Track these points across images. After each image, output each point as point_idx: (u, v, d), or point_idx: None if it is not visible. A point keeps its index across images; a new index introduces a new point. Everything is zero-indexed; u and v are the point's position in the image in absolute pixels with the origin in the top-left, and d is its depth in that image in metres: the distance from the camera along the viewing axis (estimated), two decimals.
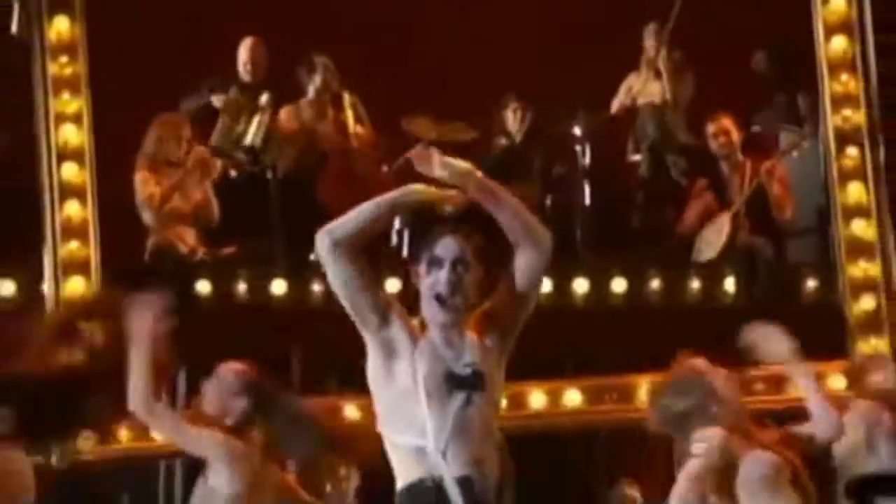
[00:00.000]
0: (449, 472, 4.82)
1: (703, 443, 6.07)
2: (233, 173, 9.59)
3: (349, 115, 9.60)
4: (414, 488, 4.91)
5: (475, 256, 4.87)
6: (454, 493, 4.80)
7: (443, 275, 4.81)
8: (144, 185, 8.89)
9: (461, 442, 4.84)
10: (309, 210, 9.07)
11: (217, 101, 9.60)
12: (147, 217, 8.99)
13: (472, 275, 4.84)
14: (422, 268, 4.86)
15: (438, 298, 4.77)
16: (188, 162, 9.14)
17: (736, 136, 9.30)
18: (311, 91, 9.61)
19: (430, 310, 4.84)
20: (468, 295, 4.86)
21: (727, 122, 9.28)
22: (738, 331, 8.33)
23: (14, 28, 9.18)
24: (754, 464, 6.09)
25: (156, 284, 8.27)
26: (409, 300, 5.01)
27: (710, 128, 9.32)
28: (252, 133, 9.69)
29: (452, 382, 4.82)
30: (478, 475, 4.86)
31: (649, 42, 9.80)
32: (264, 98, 9.64)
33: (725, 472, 6.20)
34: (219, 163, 9.41)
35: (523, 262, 4.86)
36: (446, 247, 4.88)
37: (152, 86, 9.44)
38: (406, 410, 4.87)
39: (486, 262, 4.94)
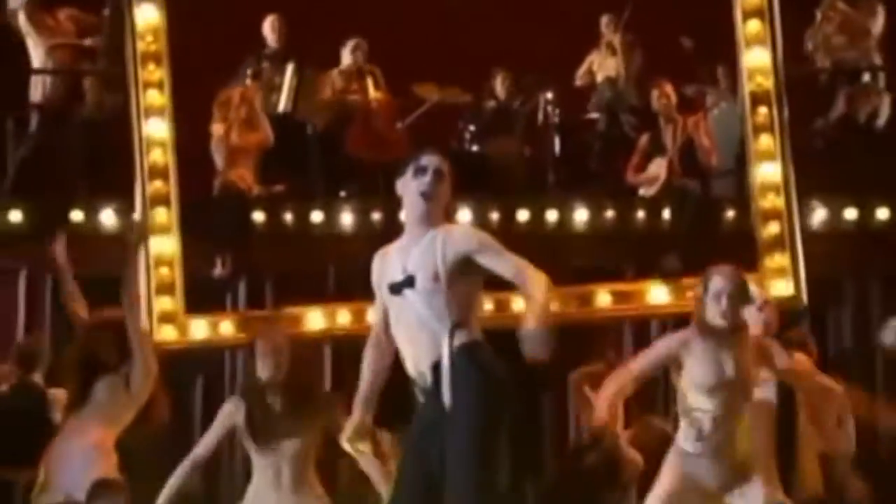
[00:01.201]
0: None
1: None
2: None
3: (370, 83, 9.56)
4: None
5: (448, 172, 4.98)
6: None
7: (427, 178, 4.92)
8: (216, 131, 8.87)
9: (398, 334, 4.98)
10: (340, 158, 9.34)
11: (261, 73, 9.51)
12: (217, 161, 8.88)
13: (445, 185, 4.96)
14: (408, 176, 4.96)
15: (424, 195, 4.89)
16: (234, 101, 9.00)
17: (674, 98, 9.23)
18: (344, 63, 9.56)
19: (414, 208, 4.98)
20: (441, 198, 4.97)
21: (668, 88, 9.23)
22: (672, 250, 8.56)
23: (106, 13, 9.18)
24: None
25: (221, 214, 8.64)
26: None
27: (655, 92, 9.23)
28: (283, 101, 9.63)
29: (392, 290, 4.97)
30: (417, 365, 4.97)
31: (605, 29, 9.79)
32: (290, 68, 9.59)
33: None
34: (258, 92, 9.25)
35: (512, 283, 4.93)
36: (430, 159, 4.99)
37: (217, 59, 9.32)
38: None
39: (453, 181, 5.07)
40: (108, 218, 8.73)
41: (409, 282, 4.92)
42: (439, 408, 4.82)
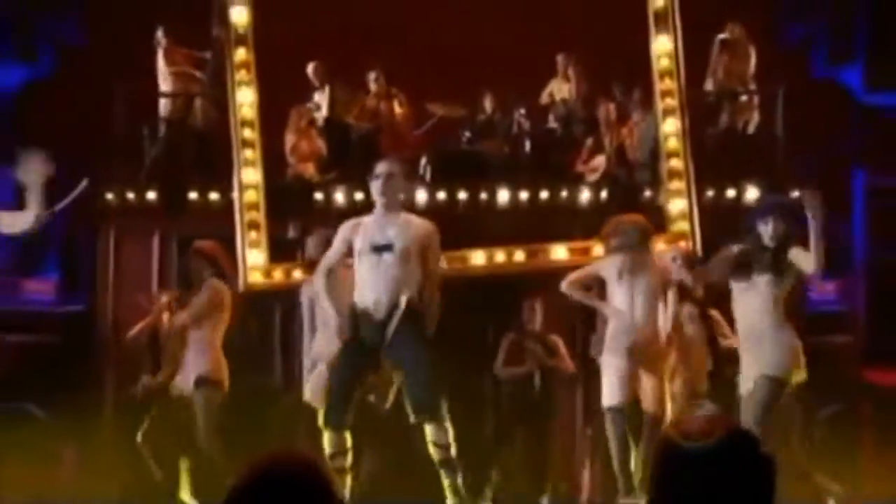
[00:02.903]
0: (361, 295, 5.19)
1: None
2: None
3: (394, 102, 9.55)
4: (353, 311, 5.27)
5: (399, 174, 5.30)
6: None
7: (378, 184, 5.25)
8: (289, 141, 9.08)
9: (374, 280, 5.19)
10: (375, 155, 8.83)
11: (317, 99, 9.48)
12: (289, 157, 9.06)
13: (396, 183, 5.22)
14: (371, 180, 5.32)
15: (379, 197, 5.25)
16: (296, 116, 9.07)
17: (613, 113, 9.23)
18: (373, 89, 9.55)
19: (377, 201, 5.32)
20: (396, 195, 5.26)
21: (611, 106, 9.24)
22: (609, 220, 8.45)
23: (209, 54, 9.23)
24: None
25: (291, 193, 8.81)
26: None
27: (602, 108, 9.23)
28: (324, 111, 9.43)
29: (371, 248, 5.19)
30: (373, 301, 5.14)
31: (561, 64, 9.69)
32: (327, 91, 9.40)
33: None
34: (304, 114, 9.14)
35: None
36: (381, 167, 5.31)
37: (291, 85, 9.35)
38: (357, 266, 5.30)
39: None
40: (214, 196, 8.81)
41: (388, 248, 5.19)
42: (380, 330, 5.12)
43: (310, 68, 9.53)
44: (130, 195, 8.90)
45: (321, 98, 9.53)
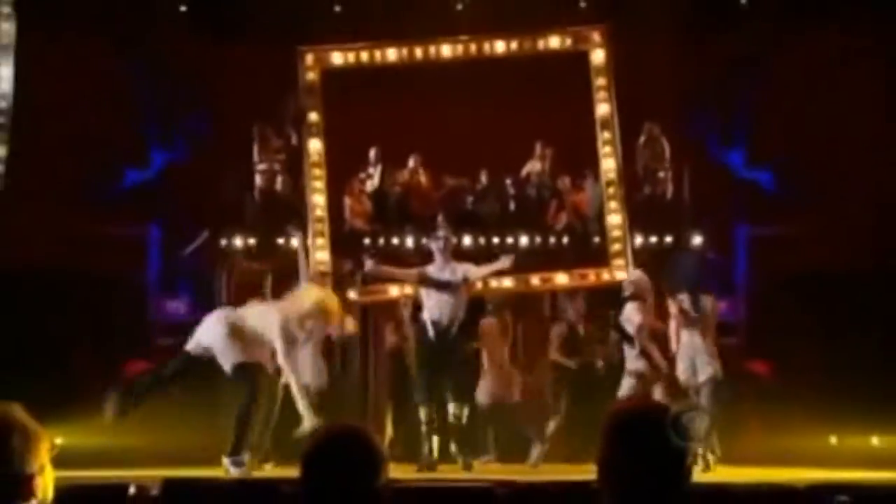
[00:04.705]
0: (432, 314, 5.65)
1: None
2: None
3: (421, 174, 9.59)
4: (424, 324, 5.74)
5: (451, 236, 5.96)
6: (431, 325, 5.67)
7: (440, 242, 5.81)
8: (346, 203, 9.21)
9: (442, 304, 5.69)
10: (407, 212, 9.42)
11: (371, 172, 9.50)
12: (346, 214, 9.17)
13: (450, 242, 5.89)
14: (433, 240, 5.89)
15: (440, 251, 5.85)
16: (351, 185, 9.13)
17: (569, 183, 9.33)
18: (410, 164, 9.63)
19: (436, 255, 5.90)
20: (449, 250, 5.88)
21: (567, 179, 9.35)
22: (569, 261, 8.73)
23: (294, 140, 9.07)
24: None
25: (348, 240, 8.84)
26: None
27: (559, 182, 9.38)
28: (376, 183, 9.51)
29: (441, 284, 5.75)
30: (444, 319, 5.64)
31: (538, 148, 9.65)
32: (378, 169, 9.47)
33: None
34: (358, 185, 9.16)
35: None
36: (442, 231, 5.93)
37: (348, 162, 9.33)
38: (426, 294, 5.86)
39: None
40: (294, 242, 8.24)
41: (452, 284, 5.68)
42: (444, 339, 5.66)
43: (371, 151, 9.49)
44: (237, 241, 9.07)
45: (375, 172, 9.56)
